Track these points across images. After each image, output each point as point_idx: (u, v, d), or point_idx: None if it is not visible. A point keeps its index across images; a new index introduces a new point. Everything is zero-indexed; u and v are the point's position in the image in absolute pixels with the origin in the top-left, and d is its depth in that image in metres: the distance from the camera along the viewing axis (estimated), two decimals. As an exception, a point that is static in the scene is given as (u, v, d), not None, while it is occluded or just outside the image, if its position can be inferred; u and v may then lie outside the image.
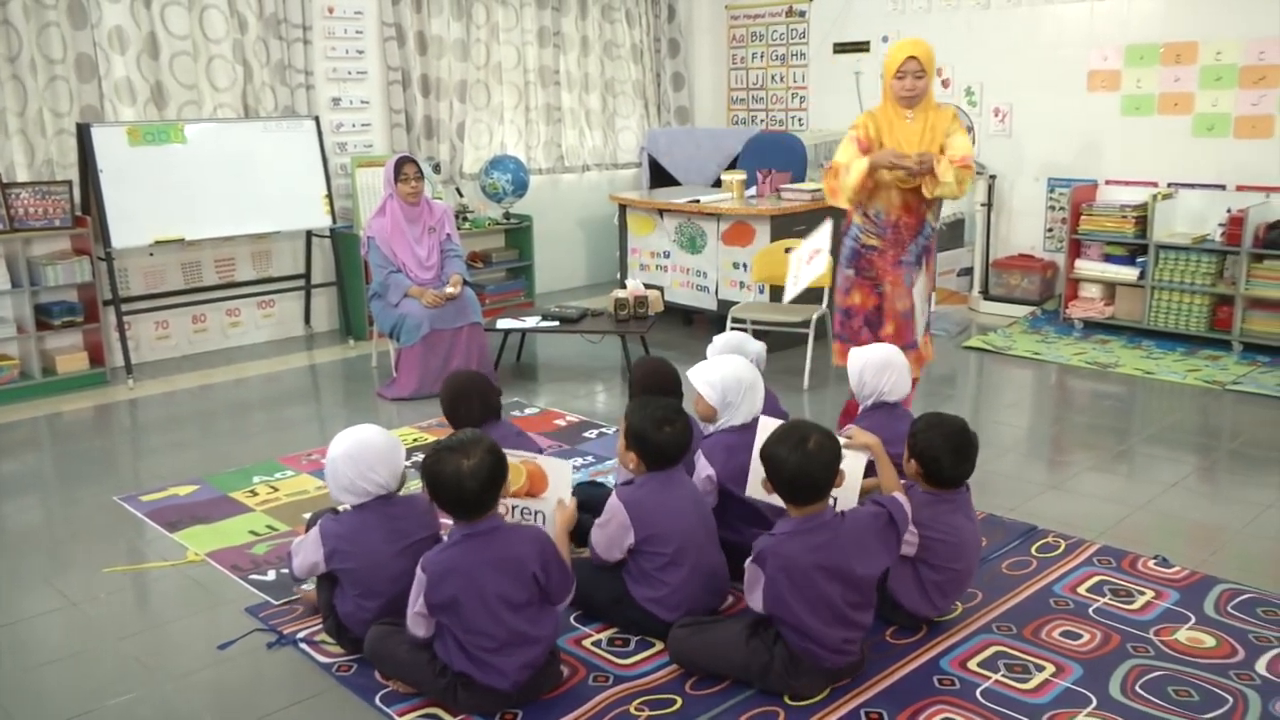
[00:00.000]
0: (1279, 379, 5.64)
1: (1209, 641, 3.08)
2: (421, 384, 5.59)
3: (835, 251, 4.88)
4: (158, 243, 6.13)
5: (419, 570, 2.72)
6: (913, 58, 4.20)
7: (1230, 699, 2.79)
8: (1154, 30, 6.62)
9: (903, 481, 3.24)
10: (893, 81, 4.28)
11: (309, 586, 3.30)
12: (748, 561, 2.82)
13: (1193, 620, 3.20)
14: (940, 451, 3.08)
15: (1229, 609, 3.27)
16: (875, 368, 3.72)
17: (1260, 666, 2.95)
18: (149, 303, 6.41)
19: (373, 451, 2.99)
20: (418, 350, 5.57)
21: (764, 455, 2.87)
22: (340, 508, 3.13)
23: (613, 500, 3.12)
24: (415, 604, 2.73)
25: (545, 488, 3.22)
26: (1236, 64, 6.32)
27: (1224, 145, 6.43)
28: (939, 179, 4.19)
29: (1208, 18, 6.40)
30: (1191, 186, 6.59)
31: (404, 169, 5.66)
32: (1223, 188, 6.46)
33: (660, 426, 3.13)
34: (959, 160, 4.21)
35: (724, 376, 3.51)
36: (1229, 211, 6.25)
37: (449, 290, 5.64)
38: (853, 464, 3.11)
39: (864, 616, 2.87)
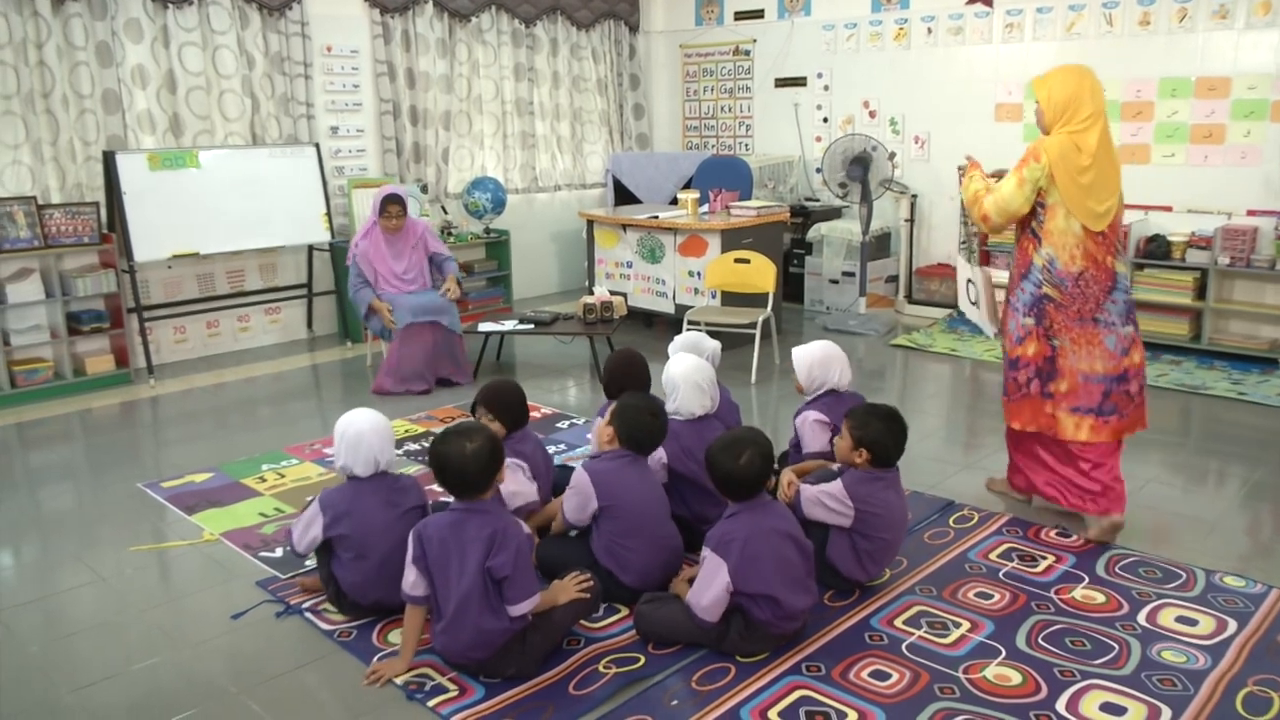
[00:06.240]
0: (1158, 371, 5.74)
1: (1100, 598, 3.14)
2: (398, 379, 5.53)
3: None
4: (175, 257, 6.05)
5: (411, 535, 2.71)
6: None
7: (1116, 647, 2.85)
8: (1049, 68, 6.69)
9: (837, 466, 3.26)
10: None
11: (310, 563, 3.27)
12: (707, 552, 2.78)
13: (1086, 580, 3.25)
14: (886, 439, 3.12)
15: (1116, 570, 3.33)
16: (820, 362, 3.70)
17: (1141, 618, 3.01)
18: (168, 310, 6.33)
19: (389, 431, 3.06)
20: (396, 344, 5.51)
21: (706, 455, 2.88)
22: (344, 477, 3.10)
23: (579, 471, 3.15)
24: (409, 569, 2.71)
25: None
26: (1119, 100, 6.41)
27: (1111, 168, 6.52)
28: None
29: (1094, 59, 6.43)
30: (1084, 204, 6.66)
31: (388, 208, 5.55)
32: (1111, 205, 6.54)
33: (650, 416, 3.18)
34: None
35: (681, 372, 3.52)
36: (1116, 226, 6.34)
37: (448, 290, 5.64)
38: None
39: (813, 585, 2.89)
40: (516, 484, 3.37)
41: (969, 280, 4.04)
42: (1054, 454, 3.65)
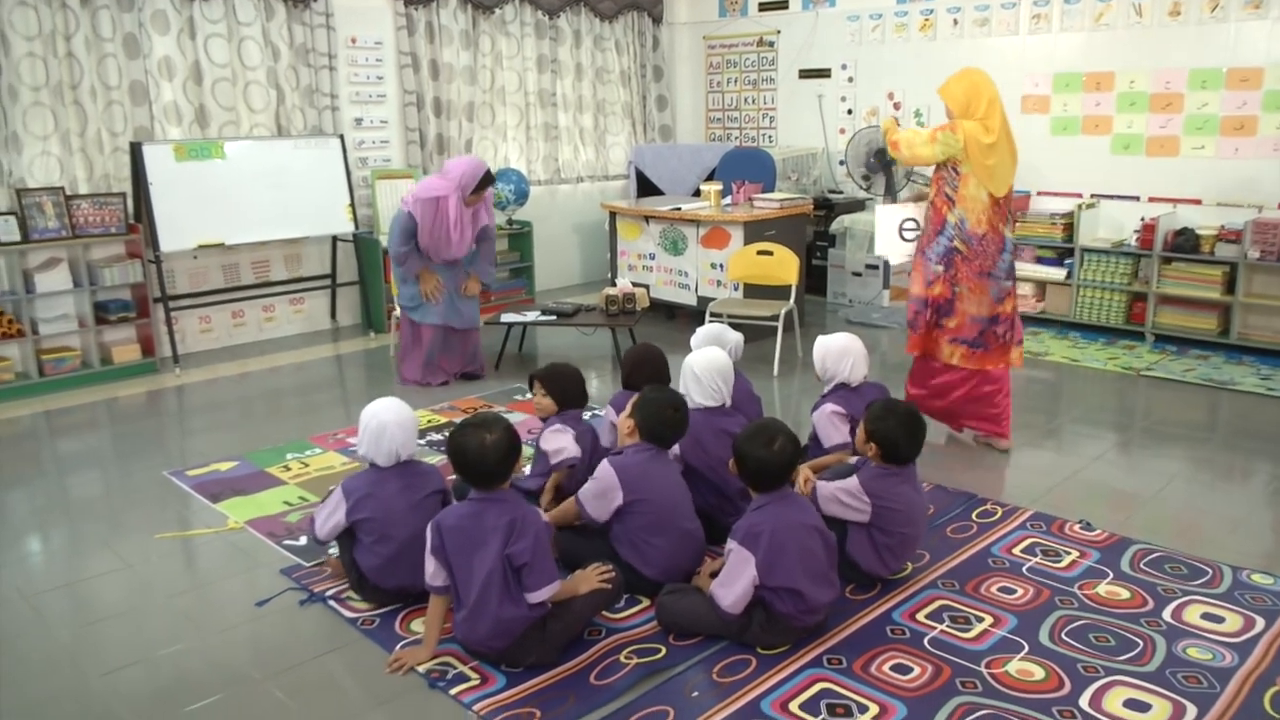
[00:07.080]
0: (1185, 365, 5.68)
1: (1124, 594, 3.11)
2: (423, 373, 5.54)
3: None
4: (201, 247, 6.09)
5: (430, 527, 2.73)
6: None
7: (1141, 643, 2.82)
8: (1077, 61, 6.63)
9: (855, 459, 3.25)
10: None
11: (334, 551, 3.30)
12: (733, 545, 2.77)
13: (1111, 576, 3.23)
14: (897, 436, 3.09)
15: (1141, 565, 3.30)
16: (835, 354, 3.72)
17: (1166, 615, 2.98)
18: (193, 300, 6.38)
19: (413, 423, 3.08)
20: (426, 335, 5.50)
21: (734, 447, 2.87)
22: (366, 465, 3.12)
23: (604, 465, 3.11)
24: (429, 560, 2.74)
25: None
26: (1147, 92, 6.33)
27: (1138, 162, 6.45)
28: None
29: (1122, 51, 6.42)
30: (1111, 198, 6.61)
31: (485, 187, 5.30)
32: (1137, 199, 6.48)
33: (671, 410, 3.17)
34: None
35: (686, 361, 3.53)
36: (1142, 220, 6.28)
37: (470, 288, 5.59)
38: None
39: (836, 579, 2.89)
40: (560, 443, 3.42)
41: (906, 219, 4.85)
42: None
